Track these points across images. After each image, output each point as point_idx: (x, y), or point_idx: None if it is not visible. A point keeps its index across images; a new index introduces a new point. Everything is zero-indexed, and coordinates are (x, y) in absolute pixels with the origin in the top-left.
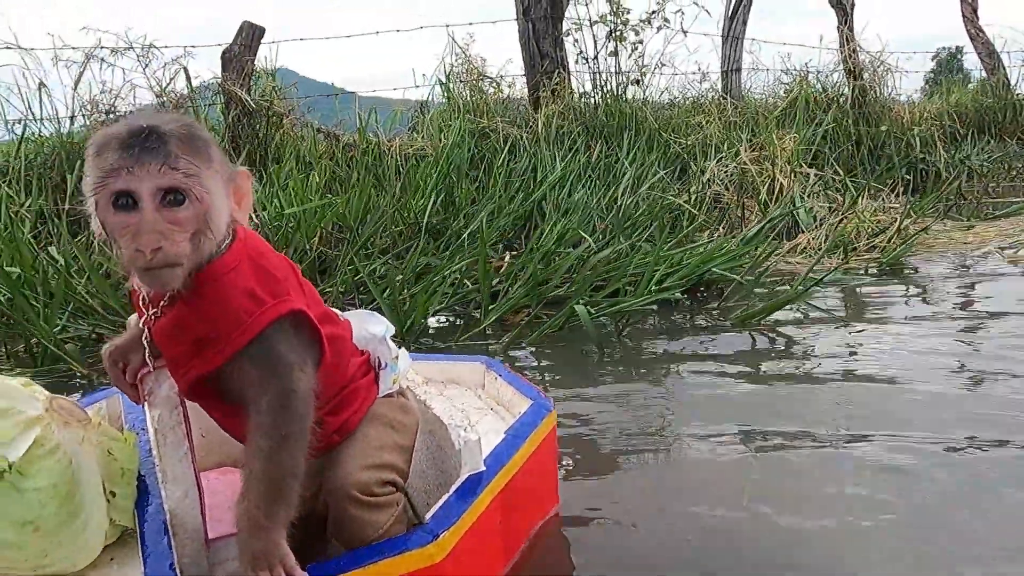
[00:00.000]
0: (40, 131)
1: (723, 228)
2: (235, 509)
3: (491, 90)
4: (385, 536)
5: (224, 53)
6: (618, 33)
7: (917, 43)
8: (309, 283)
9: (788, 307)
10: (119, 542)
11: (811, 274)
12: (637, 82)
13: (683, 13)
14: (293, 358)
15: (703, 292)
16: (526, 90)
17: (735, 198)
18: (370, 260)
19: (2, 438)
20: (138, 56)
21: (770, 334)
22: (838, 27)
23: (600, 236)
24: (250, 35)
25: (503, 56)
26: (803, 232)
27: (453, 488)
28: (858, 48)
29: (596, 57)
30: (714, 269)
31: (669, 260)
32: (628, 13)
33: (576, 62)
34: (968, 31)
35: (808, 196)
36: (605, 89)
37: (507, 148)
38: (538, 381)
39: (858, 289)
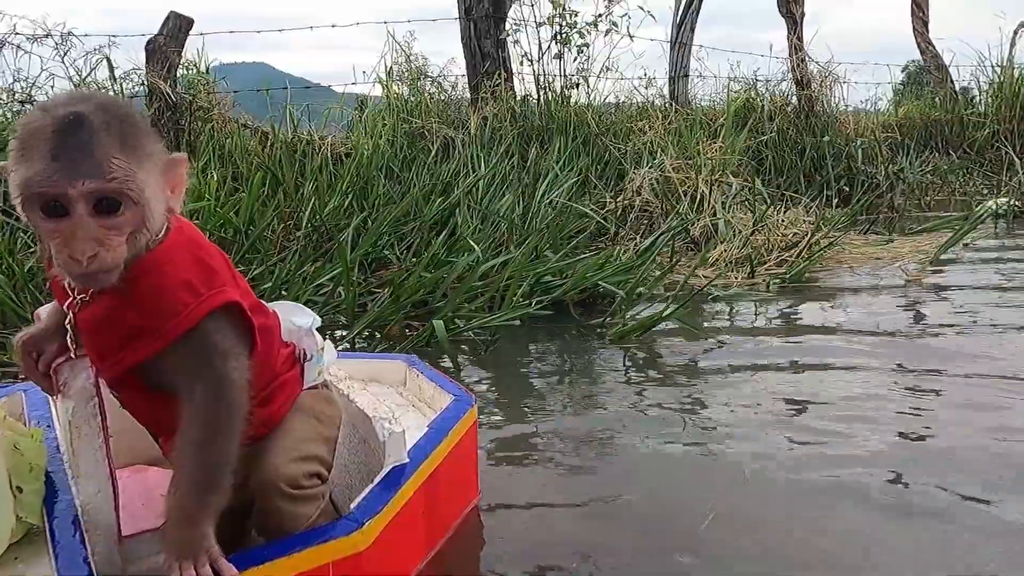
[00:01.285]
0: None
1: (640, 238)
2: (165, 499)
3: (433, 89)
4: (312, 527)
5: (148, 44)
6: (563, 36)
7: (869, 55)
8: (239, 274)
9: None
10: (24, 540)
11: (712, 288)
12: (577, 85)
13: (630, 17)
14: (228, 347)
15: (598, 304)
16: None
17: (660, 207)
18: (251, 265)
19: None
20: (56, 44)
21: (648, 351)
22: (788, 36)
23: (494, 245)
24: (177, 26)
25: (448, 56)
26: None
27: (377, 479)
28: (807, 58)
29: (540, 59)
30: (601, 282)
31: (550, 272)
32: (575, 15)
33: (521, 64)
34: (918, 44)
35: (729, 207)
36: (546, 92)
37: (436, 150)
38: None
39: (757, 305)
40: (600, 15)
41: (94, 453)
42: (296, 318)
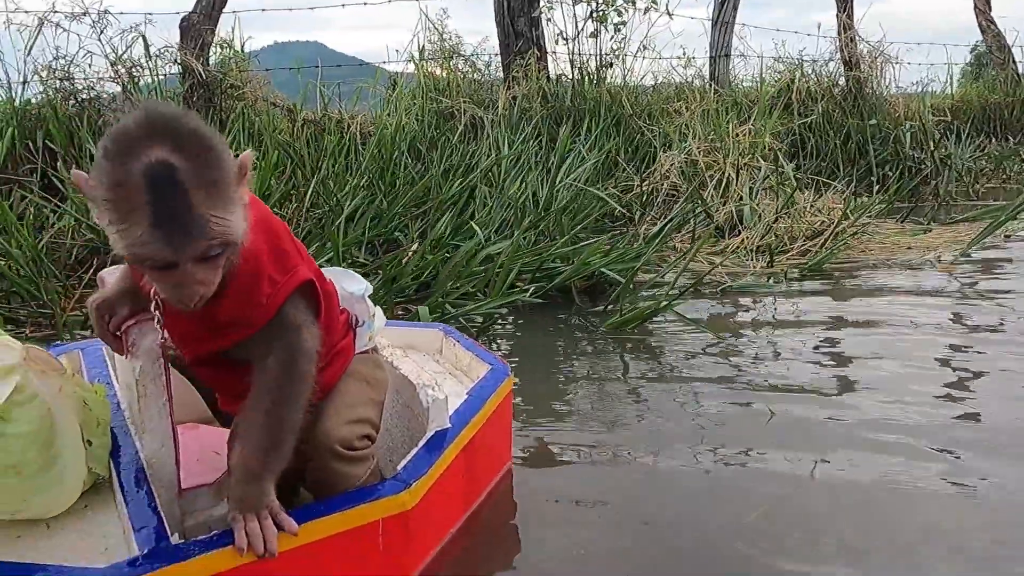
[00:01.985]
0: None
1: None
2: (230, 457)
3: (467, 68)
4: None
5: (182, 21)
6: (600, 14)
7: (935, 35)
8: (299, 241)
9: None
10: (92, 490)
11: (723, 278)
12: (611, 65)
13: None
14: (301, 321)
15: (608, 292)
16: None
17: (687, 192)
18: None
19: None
20: (93, 22)
21: (644, 340)
22: (837, 15)
23: (508, 228)
24: (210, 3)
25: (483, 34)
26: (746, 229)
27: (422, 442)
28: (856, 37)
29: (576, 38)
30: (604, 269)
31: (555, 257)
32: None
33: (556, 43)
34: (979, 23)
35: (756, 192)
36: (580, 71)
37: (462, 130)
38: None
39: (768, 295)
40: None
41: (159, 410)
42: (348, 284)
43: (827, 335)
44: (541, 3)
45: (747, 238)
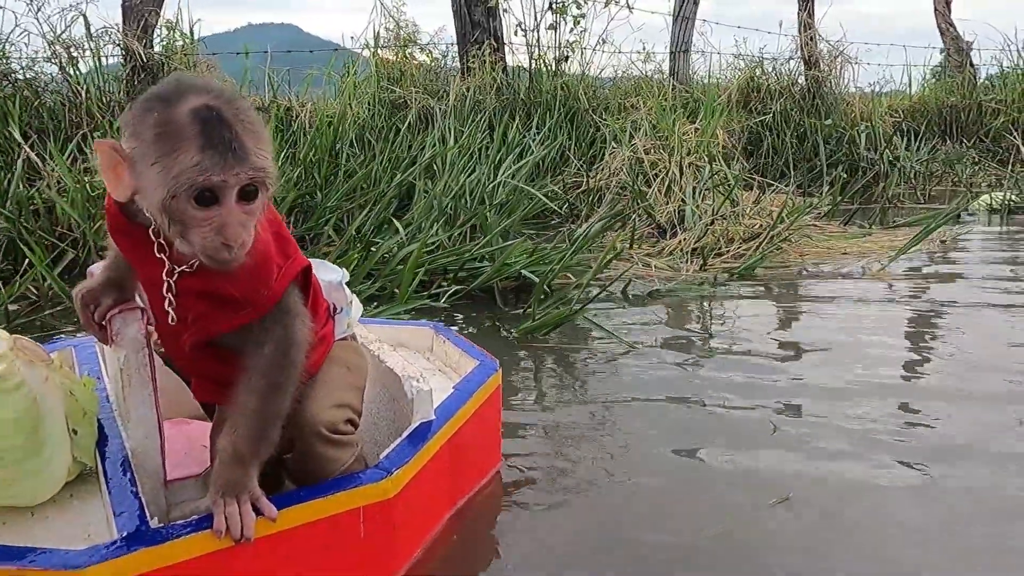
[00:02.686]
0: None
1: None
2: (218, 440)
3: (424, 58)
4: (345, 473)
5: (124, 1)
6: (559, 5)
7: (887, 37)
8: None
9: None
10: (78, 480)
11: (644, 281)
12: (567, 58)
13: None
14: (299, 311)
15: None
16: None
17: (632, 190)
18: None
19: None
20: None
21: (558, 346)
22: (798, 13)
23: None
24: None
25: (439, 23)
26: (685, 231)
27: (405, 433)
28: (816, 36)
29: (535, 30)
30: (525, 271)
31: (478, 257)
32: None
33: (515, 34)
34: (939, 25)
35: (700, 192)
36: (536, 63)
37: (410, 121)
38: None
39: (693, 300)
40: None
41: (143, 400)
42: (325, 274)
43: (749, 341)
44: None
45: (684, 240)
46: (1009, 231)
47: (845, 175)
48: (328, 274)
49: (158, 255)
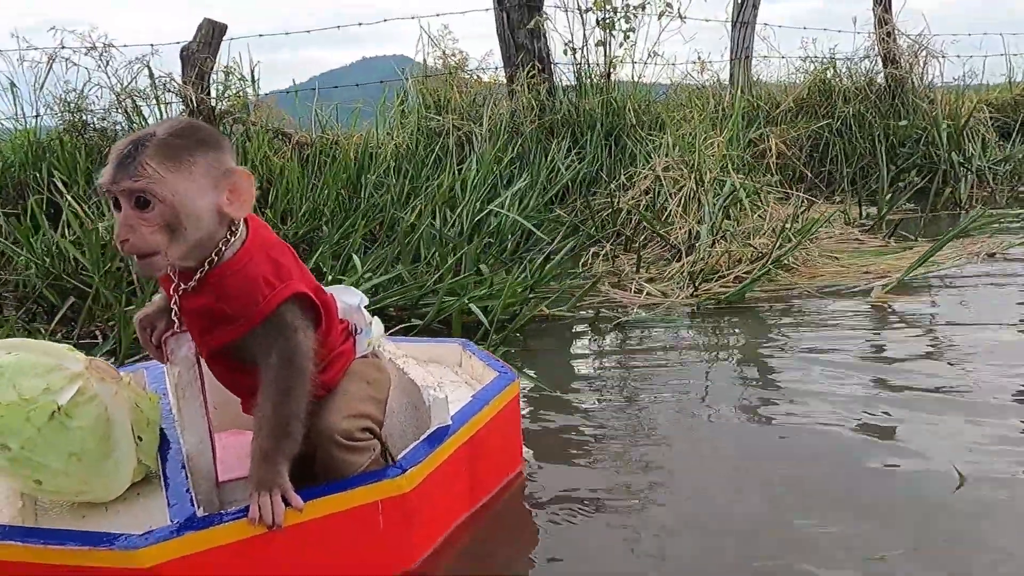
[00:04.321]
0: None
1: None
2: (251, 444)
3: (472, 84)
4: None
5: (182, 51)
6: (607, 21)
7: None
8: (300, 262)
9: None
10: (144, 481)
11: (639, 311)
12: (608, 75)
13: None
14: (298, 324)
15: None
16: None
17: (640, 212)
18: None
19: (53, 387)
20: (100, 54)
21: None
22: (873, 8)
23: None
24: (210, 32)
25: (489, 46)
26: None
27: (423, 436)
28: (895, 31)
29: (582, 48)
30: (473, 307)
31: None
32: None
33: (565, 53)
34: None
35: (717, 210)
36: (579, 81)
37: (449, 149)
38: None
39: (667, 331)
40: None
41: (196, 410)
42: (347, 298)
43: (711, 377)
44: (542, 13)
45: (687, 263)
46: None
47: (918, 180)
48: (349, 298)
49: (169, 272)
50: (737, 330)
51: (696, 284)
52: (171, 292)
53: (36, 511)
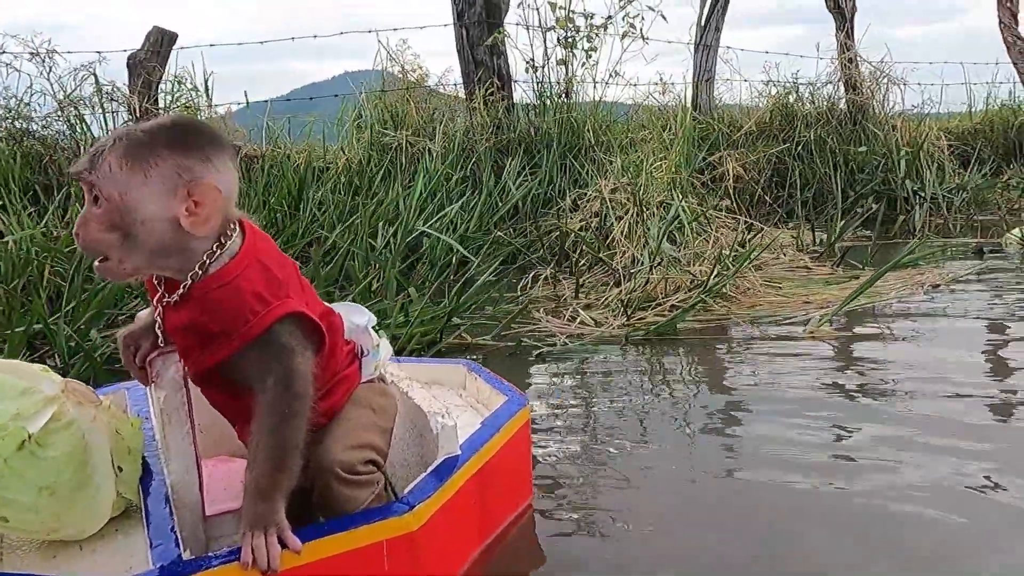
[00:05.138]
0: None
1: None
2: (244, 476)
3: (428, 99)
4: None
5: (129, 59)
6: (569, 39)
7: (934, 53)
8: (306, 280)
9: None
10: (124, 515)
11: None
12: (566, 93)
13: (643, 18)
14: (294, 345)
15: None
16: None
17: (579, 235)
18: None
19: (24, 412)
20: (42, 60)
21: None
22: (836, 34)
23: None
24: (158, 40)
25: (445, 63)
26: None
27: (430, 468)
28: (857, 57)
29: (543, 67)
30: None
31: None
32: (592, 18)
33: (526, 71)
34: (1004, 38)
35: (660, 235)
36: (540, 100)
37: (398, 167)
38: None
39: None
40: (610, 17)
41: (182, 438)
42: (354, 317)
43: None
44: (503, 31)
45: (623, 289)
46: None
47: (875, 206)
48: (356, 317)
49: (155, 282)
50: (660, 362)
51: (628, 313)
52: (155, 300)
53: (1, 550)
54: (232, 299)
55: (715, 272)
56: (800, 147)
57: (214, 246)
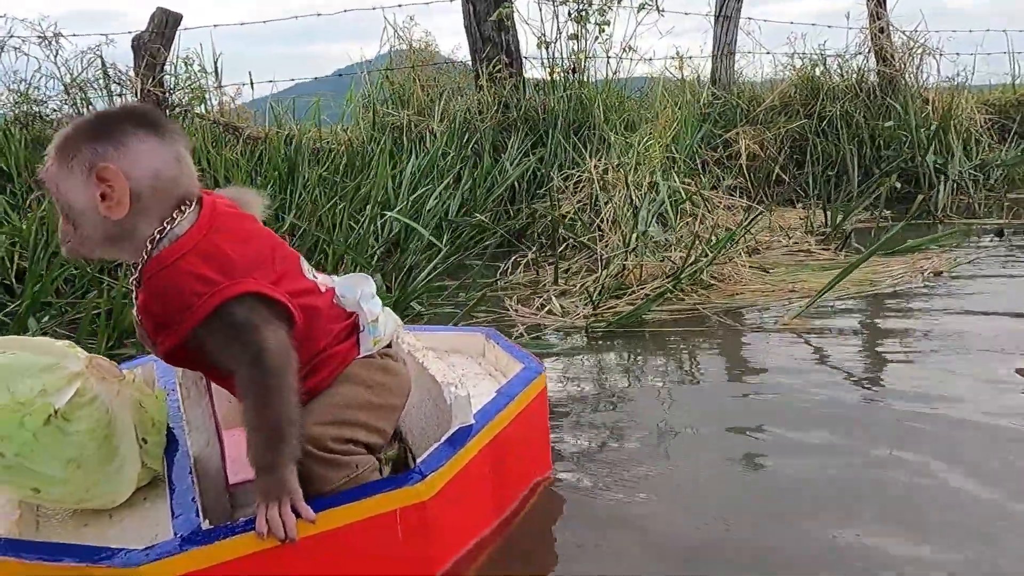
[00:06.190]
0: None
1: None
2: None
3: (440, 77)
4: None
5: (134, 41)
6: (580, 14)
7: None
8: (293, 254)
9: None
10: (151, 485)
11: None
12: (574, 70)
13: None
14: (257, 322)
15: None
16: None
17: (582, 219)
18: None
19: (50, 388)
20: (49, 44)
21: None
22: (866, 3)
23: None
24: (163, 22)
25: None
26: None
27: (443, 438)
28: (888, 27)
29: (555, 42)
30: None
31: None
32: None
33: (538, 47)
34: None
35: (652, 216)
36: (553, 77)
37: (404, 146)
38: None
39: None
40: None
41: (202, 411)
42: (345, 290)
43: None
44: (512, 4)
45: (601, 276)
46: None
47: (898, 185)
48: (347, 290)
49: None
50: (609, 356)
51: (595, 302)
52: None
53: (38, 518)
54: (173, 281)
55: (692, 259)
56: (825, 123)
57: (155, 231)
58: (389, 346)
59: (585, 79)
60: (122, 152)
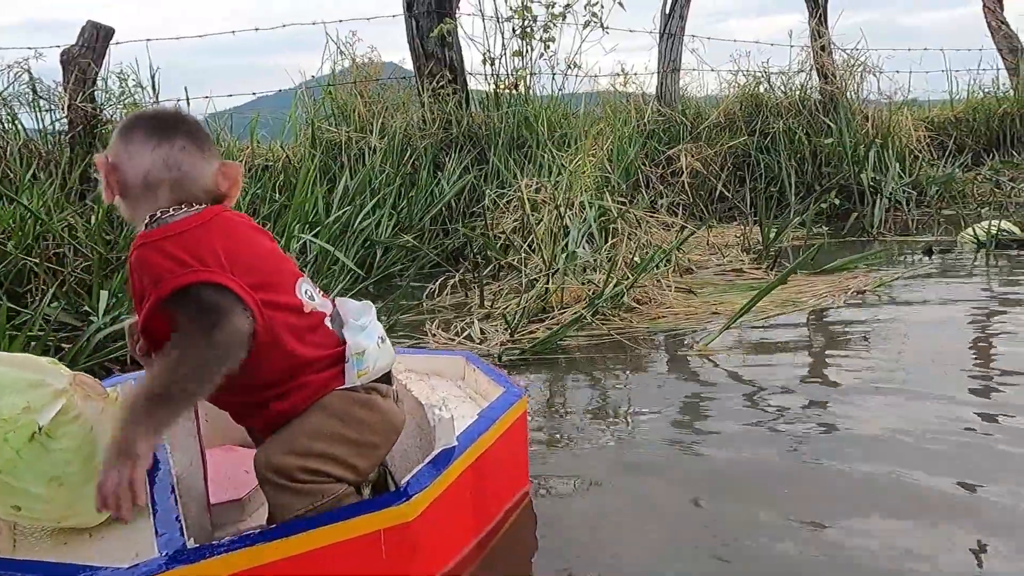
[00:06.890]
0: None
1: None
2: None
3: (385, 93)
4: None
5: (62, 55)
6: (526, 29)
7: (926, 38)
8: (293, 272)
9: None
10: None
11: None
12: (515, 86)
13: (602, 6)
14: (225, 305)
15: None
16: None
17: (517, 239)
18: None
19: (34, 406)
20: None
21: None
22: (808, 21)
23: None
24: (93, 35)
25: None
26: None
27: (427, 459)
28: (830, 45)
29: (499, 58)
30: None
31: None
32: (552, 7)
33: (483, 63)
34: (988, 23)
35: (580, 238)
36: (494, 92)
37: (339, 165)
38: None
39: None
40: (568, 4)
41: (187, 430)
42: (348, 319)
43: None
44: (455, 20)
45: (523, 300)
46: (988, 269)
47: (836, 202)
48: (357, 319)
49: None
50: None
51: (513, 328)
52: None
53: (15, 536)
54: (148, 257)
55: (613, 282)
56: (768, 140)
57: (148, 216)
58: (387, 381)
59: (530, 95)
60: (123, 148)
